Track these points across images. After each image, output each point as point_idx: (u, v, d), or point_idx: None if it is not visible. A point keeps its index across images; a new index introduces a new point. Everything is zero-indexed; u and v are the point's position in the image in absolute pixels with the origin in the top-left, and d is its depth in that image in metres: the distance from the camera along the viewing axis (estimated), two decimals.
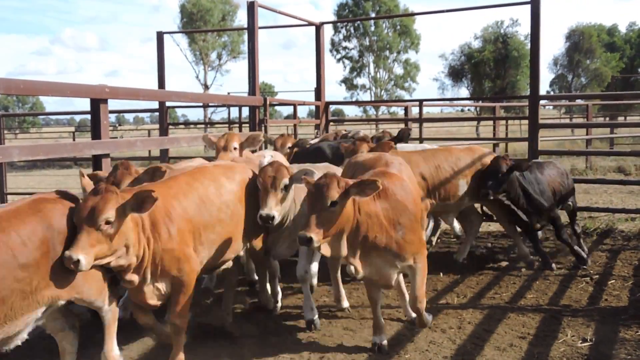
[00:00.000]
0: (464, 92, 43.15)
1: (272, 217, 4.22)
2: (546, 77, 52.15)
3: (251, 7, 8.13)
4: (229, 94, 21.41)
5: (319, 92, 10.10)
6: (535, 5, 7.63)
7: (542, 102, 8.89)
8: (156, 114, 12.11)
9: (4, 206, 3.39)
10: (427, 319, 4.55)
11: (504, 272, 6.42)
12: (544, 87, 51.88)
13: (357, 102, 48.81)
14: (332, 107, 10.85)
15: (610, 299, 5.44)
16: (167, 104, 10.78)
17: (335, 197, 3.65)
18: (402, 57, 52.57)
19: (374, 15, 49.23)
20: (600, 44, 45.18)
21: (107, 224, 3.31)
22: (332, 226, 3.67)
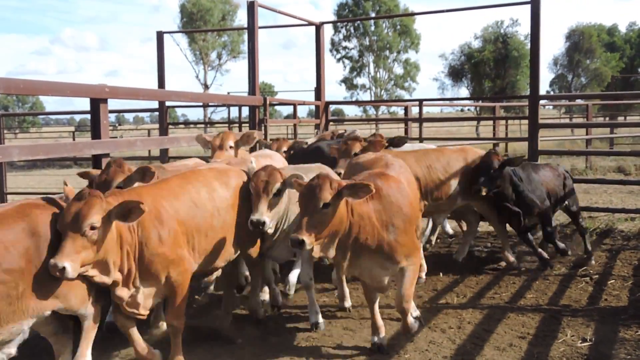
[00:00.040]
0: (464, 92, 43.20)
1: (263, 223, 4.13)
2: (546, 77, 52.15)
3: (251, 7, 8.13)
4: (229, 93, 21.42)
5: (318, 92, 10.09)
6: (535, 5, 7.63)
7: (542, 102, 8.89)
8: (156, 113, 12.10)
9: None
10: (413, 324, 4.42)
11: (503, 272, 6.42)
12: (544, 87, 51.91)
13: (357, 102, 48.82)
14: (332, 107, 10.84)
15: (610, 298, 5.45)
16: (167, 103, 10.77)
17: (327, 199, 3.61)
18: (402, 57, 52.58)
19: (374, 15, 49.23)
20: (600, 43, 45.16)
21: (92, 229, 3.22)
22: (324, 228, 3.62)
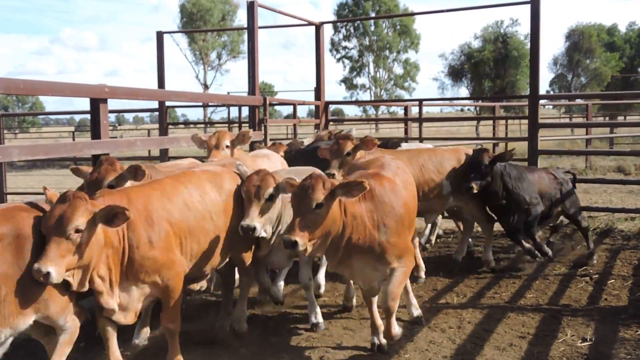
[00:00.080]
0: (464, 91, 43.21)
1: (253, 229, 4.01)
2: (546, 76, 52.11)
3: (251, 7, 8.13)
4: (229, 93, 21.44)
5: (318, 91, 10.09)
6: (535, 5, 7.63)
7: (541, 101, 8.88)
8: (156, 113, 12.10)
9: None
10: (396, 330, 4.23)
11: (503, 272, 6.41)
12: (544, 87, 51.90)
13: (357, 102, 48.86)
14: (332, 107, 10.84)
15: (610, 298, 5.45)
16: (167, 103, 10.77)
17: (320, 199, 3.58)
18: (402, 56, 52.76)
19: (373, 15, 49.27)
20: (600, 43, 45.18)
21: (77, 232, 3.11)
22: (317, 229, 3.59)
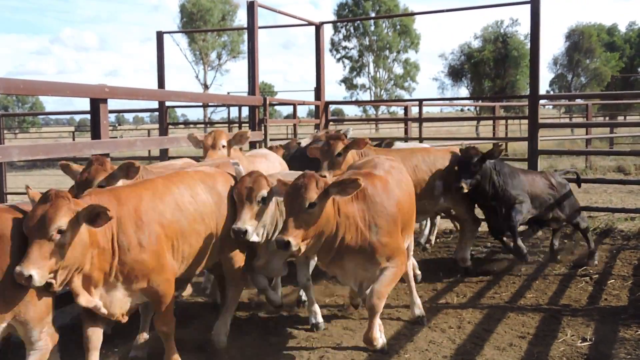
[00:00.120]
0: (464, 91, 43.19)
1: (245, 232, 3.90)
2: (546, 76, 52.07)
3: (251, 7, 8.12)
4: (229, 93, 21.44)
5: (318, 91, 10.08)
6: (535, 4, 7.62)
7: (541, 101, 8.87)
8: (156, 113, 12.10)
9: None
10: (376, 334, 4.08)
11: (503, 272, 6.41)
12: (544, 87, 51.88)
13: (357, 102, 48.88)
14: (332, 107, 10.84)
15: (609, 298, 5.45)
16: (167, 103, 10.77)
17: (313, 199, 3.54)
18: (402, 56, 52.79)
19: (373, 15, 49.27)
20: (600, 43, 45.17)
21: (60, 233, 3.01)
22: (311, 229, 3.55)
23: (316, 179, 3.64)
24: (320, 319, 4.78)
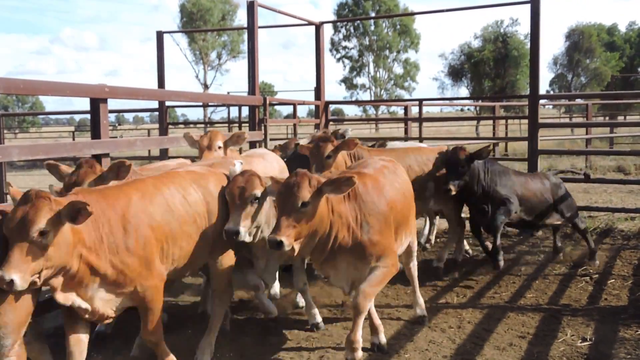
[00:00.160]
0: (464, 91, 43.17)
1: (237, 233, 3.74)
2: (546, 76, 52.12)
3: (251, 7, 8.12)
4: (229, 93, 21.43)
5: (318, 91, 10.09)
6: (535, 4, 7.62)
7: (541, 101, 8.87)
8: (156, 113, 12.11)
9: None
10: (358, 337, 3.89)
11: (503, 272, 6.40)
12: (544, 87, 51.92)
13: (357, 102, 48.88)
14: (332, 107, 10.84)
15: (610, 298, 5.45)
16: (167, 103, 10.78)
17: (306, 198, 3.47)
18: (402, 56, 52.83)
19: (373, 14, 49.27)
20: (600, 43, 45.18)
21: (42, 234, 2.87)
22: (304, 228, 3.48)
23: (309, 177, 3.57)
24: (319, 319, 4.78)
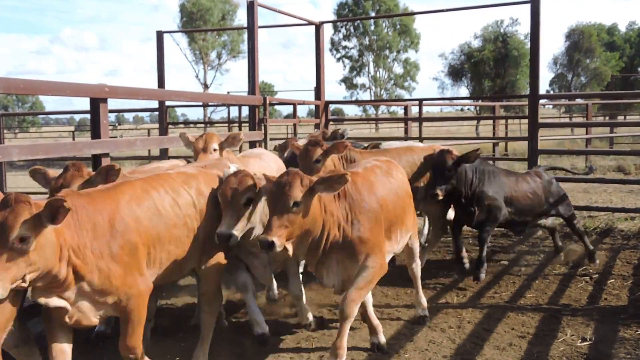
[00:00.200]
0: (464, 91, 43.21)
1: (229, 236, 3.63)
2: (546, 76, 52.10)
3: (251, 7, 8.12)
4: (229, 93, 21.43)
5: (318, 91, 10.09)
6: (535, 4, 7.62)
7: (541, 101, 8.87)
8: (156, 113, 12.10)
9: None
10: (344, 343, 3.81)
11: (503, 271, 6.42)
12: (544, 87, 51.91)
13: (357, 102, 48.88)
14: (332, 107, 10.84)
15: (609, 298, 5.45)
16: (167, 103, 10.78)
17: (298, 197, 3.42)
18: (402, 56, 52.84)
19: (373, 14, 49.27)
20: (600, 43, 45.19)
21: (22, 241, 2.72)
22: (296, 228, 3.44)
23: (301, 176, 3.52)
24: (311, 318, 4.64)
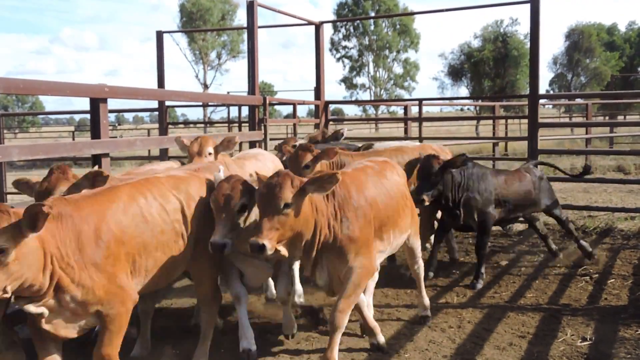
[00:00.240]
0: (464, 91, 43.19)
1: (224, 246, 3.51)
2: (546, 76, 52.15)
3: (251, 7, 8.12)
4: (229, 93, 21.44)
5: (318, 91, 10.09)
6: (534, 4, 7.62)
7: (541, 101, 8.88)
8: (156, 113, 12.09)
9: None
10: (334, 355, 3.77)
11: (503, 271, 6.42)
12: (544, 86, 51.91)
13: (357, 102, 48.90)
14: (332, 107, 10.84)
15: (609, 298, 5.45)
16: (167, 103, 10.77)
17: (289, 199, 3.36)
18: (402, 56, 52.83)
19: (373, 14, 49.26)
20: (599, 43, 45.18)
21: (1, 252, 2.64)
22: (287, 230, 3.39)
23: (291, 177, 3.47)
24: (295, 329, 4.56)
